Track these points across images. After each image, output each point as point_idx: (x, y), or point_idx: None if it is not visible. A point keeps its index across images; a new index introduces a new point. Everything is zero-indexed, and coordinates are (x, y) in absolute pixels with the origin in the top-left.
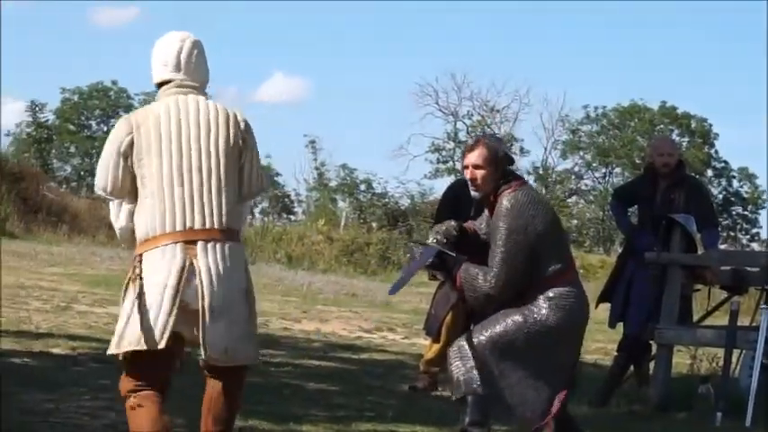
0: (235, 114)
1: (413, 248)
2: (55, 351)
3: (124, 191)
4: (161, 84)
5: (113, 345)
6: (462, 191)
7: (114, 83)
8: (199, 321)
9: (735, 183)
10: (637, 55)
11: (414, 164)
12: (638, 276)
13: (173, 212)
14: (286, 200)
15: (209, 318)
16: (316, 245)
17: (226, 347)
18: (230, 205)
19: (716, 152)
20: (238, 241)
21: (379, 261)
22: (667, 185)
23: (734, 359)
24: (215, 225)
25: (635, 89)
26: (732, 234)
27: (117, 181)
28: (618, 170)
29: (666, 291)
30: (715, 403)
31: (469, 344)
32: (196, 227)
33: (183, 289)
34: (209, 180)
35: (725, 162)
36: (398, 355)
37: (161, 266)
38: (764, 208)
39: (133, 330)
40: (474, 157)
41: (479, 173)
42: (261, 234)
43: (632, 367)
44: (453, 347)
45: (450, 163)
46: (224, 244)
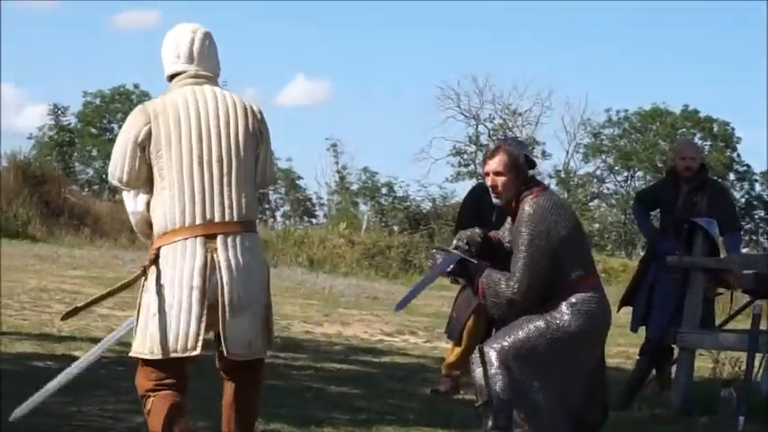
0: (251, 105)
1: (435, 255)
2: (77, 354)
3: (140, 181)
4: (173, 76)
5: (146, 349)
6: (483, 195)
7: (136, 86)
8: (219, 317)
9: (757, 186)
10: (659, 58)
11: (435, 167)
12: (660, 280)
13: (192, 205)
14: (308, 203)
15: (230, 313)
16: (337, 248)
17: (249, 341)
18: (249, 197)
19: (738, 156)
20: (256, 232)
21: (400, 264)
22: (690, 189)
23: (756, 363)
24: (234, 217)
25: (657, 92)
26: (754, 238)
27: (133, 171)
28: (640, 174)
29: (688, 295)
30: (737, 407)
31: (492, 349)
32: (216, 219)
33: (208, 286)
34: (228, 172)
35: (747, 166)
36: (420, 359)
37: (182, 264)
38: None
39: (166, 335)
40: (495, 164)
41: (500, 179)
42: (283, 237)
43: (654, 371)
44: (476, 353)
45: (471, 166)
46: (243, 236)
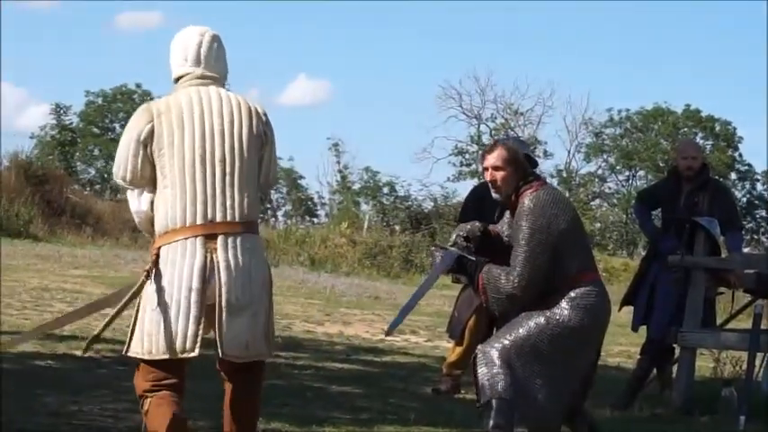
0: (256, 107)
1: (434, 252)
2: (79, 353)
3: (143, 180)
4: (180, 78)
5: (144, 350)
6: (486, 193)
7: (138, 86)
8: (215, 318)
9: (759, 186)
10: (661, 58)
11: (437, 167)
12: (661, 279)
13: (194, 204)
14: (309, 202)
15: (227, 314)
16: (339, 248)
17: (247, 342)
18: (251, 197)
19: (740, 155)
20: (257, 233)
21: (402, 264)
22: (691, 189)
23: (757, 363)
24: (236, 218)
25: (659, 92)
26: (756, 237)
27: (136, 170)
28: (641, 173)
29: (690, 294)
30: (738, 407)
31: (494, 348)
32: (217, 219)
33: (206, 287)
34: (231, 172)
35: (749, 165)
36: (421, 358)
37: (182, 264)
38: None
39: (164, 337)
40: (493, 159)
41: (499, 174)
42: (284, 237)
43: (655, 371)
44: (478, 353)
45: (473, 166)
46: (244, 237)
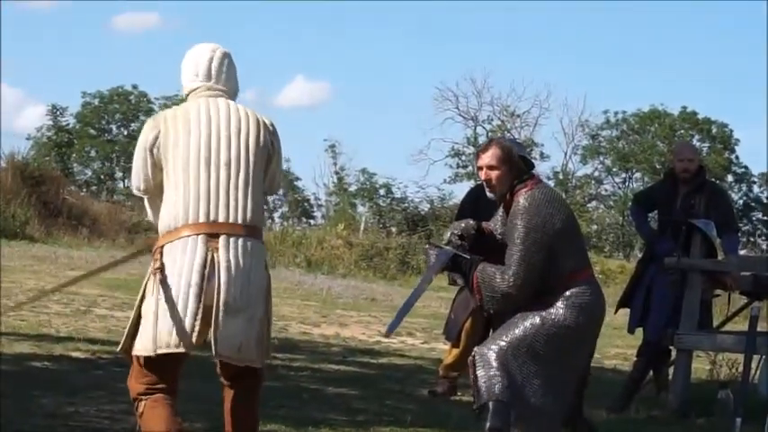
0: (264, 119)
1: (428, 251)
2: (75, 355)
3: (158, 188)
4: (190, 93)
5: (140, 345)
6: (482, 194)
7: (135, 87)
8: (212, 317)
9: (755, 188)
10: (657, 60)
11: (433, 168)
12: (657, 282)
13: (197, 204)
14: (306, 204)
15: (224, 314)
16: (335, 249)
17: (240, 344)
18: (256, 203)
19: (736, 157)
20: (261, 240)
21: (398, 266)
22: (687, 191)
23: (753, 365)
24: (239, 220)
25: (655, 94)
26: (752, 240)
27: (149, 178)
28: (638, 175)
29: (686, 296)
30: (734, 409)
31: (490, 350)
32: (220, 220)
33: (205, 286)
34: (236, 176)
35: (745, 167)
36: (417, 360)
37: (183, 261)
38: None
39: (166, 332)
40: (487, 158)
41: (494, 173)
42: (280, 238)
43: (651, 373)
44: (474, 355)
45: (469, 168)
46: (246, 240)
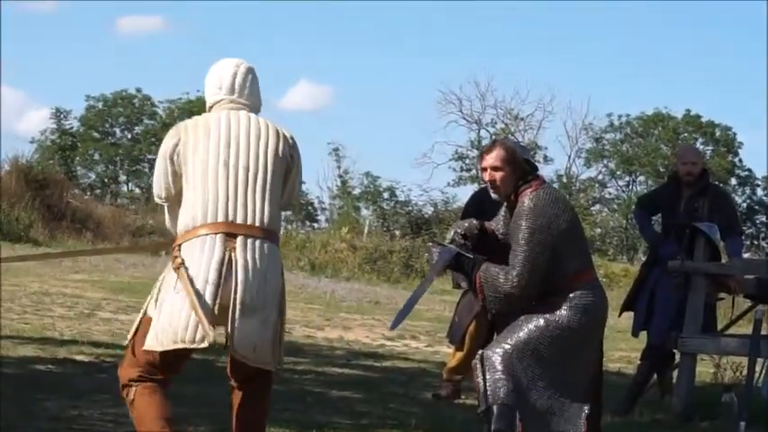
0: (284, 132)
1: (431, 249)
2: (79, 358)
3: (178, 196)
4: (213, 106)
5: (155, 340)
6: (487, 197)
7: (139, 90)
8: (229, 315)
9: (759, 191)
10: (661, 63)
11: (437, 172)
12: (661, 285)
13: (215, 204)
14: (309, 207)
15: (241, 313)
16: (339, 252)
17: (255, 345)
18: (273, 209)
19: (740, 161)
20: (277, 245)
21: (402, 269)
22: (691, 194)
23: (758, 368)
24: (256, 222)
25: (659, 97)
26: (756, 243)
27: (169, 186)
28: (642, 178)
29: (690, 299)
30: (738, 412)
31: (495, 353)
32: (238, 221)
33: (222, 284)
34: (254, 180)
35: (749, 170)
36: (421, 363)
37: (200, 259)
38: None
39: (182, 327)
40: (491, 159)
41: (498, 174)
42: (284, 241)
43: (655, 376)
44: (479, 358)
45: (473, 171)
46: (264, 242)
